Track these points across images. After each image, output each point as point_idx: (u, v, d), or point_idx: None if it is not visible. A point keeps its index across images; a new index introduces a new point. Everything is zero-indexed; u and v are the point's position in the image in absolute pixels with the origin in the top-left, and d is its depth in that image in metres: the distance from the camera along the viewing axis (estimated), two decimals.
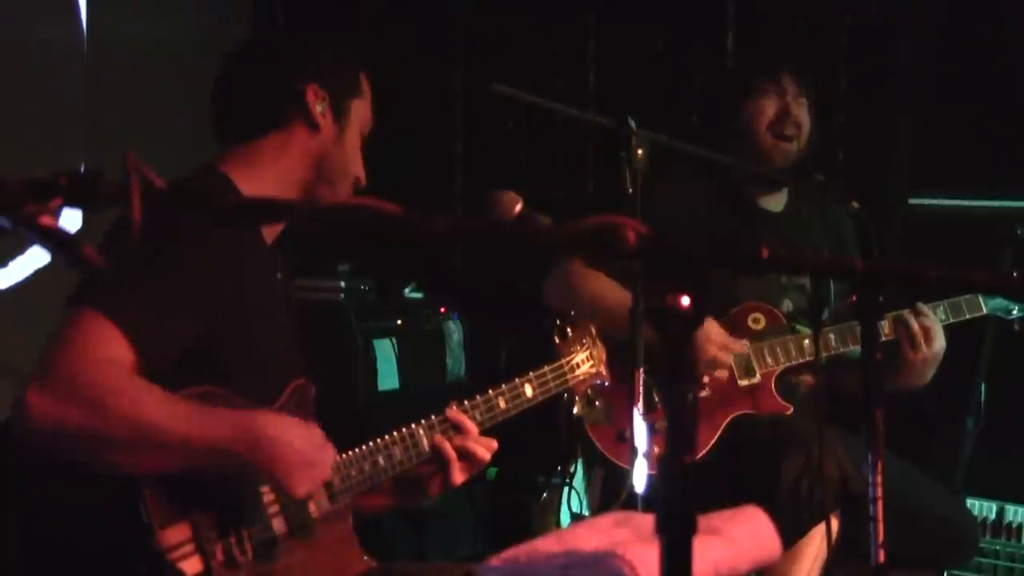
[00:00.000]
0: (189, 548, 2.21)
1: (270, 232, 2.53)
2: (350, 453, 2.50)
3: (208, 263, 2.29)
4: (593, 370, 2.88)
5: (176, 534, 2.19)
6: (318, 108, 2.52)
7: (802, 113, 3.63)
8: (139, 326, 2.17)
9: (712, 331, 3.43)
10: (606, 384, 2.92)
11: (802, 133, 3.63)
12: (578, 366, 2.86)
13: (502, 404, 2.71)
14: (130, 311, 2.17)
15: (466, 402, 2.67)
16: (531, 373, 2.79)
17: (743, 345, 3.50)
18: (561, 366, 2.84)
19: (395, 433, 2.56)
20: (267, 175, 2.49)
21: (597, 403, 2.83)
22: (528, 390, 2.77)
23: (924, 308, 3.49)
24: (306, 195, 2.53)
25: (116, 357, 2.15)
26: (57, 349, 2.14)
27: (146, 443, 2.13)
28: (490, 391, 2.71)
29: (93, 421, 2.10)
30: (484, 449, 2.64)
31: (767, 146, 3.60)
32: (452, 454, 2.60)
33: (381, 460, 2.53)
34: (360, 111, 2.60)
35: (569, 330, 2.85)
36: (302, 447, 2.27)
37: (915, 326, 3.44)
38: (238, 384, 2.32)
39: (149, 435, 2.13)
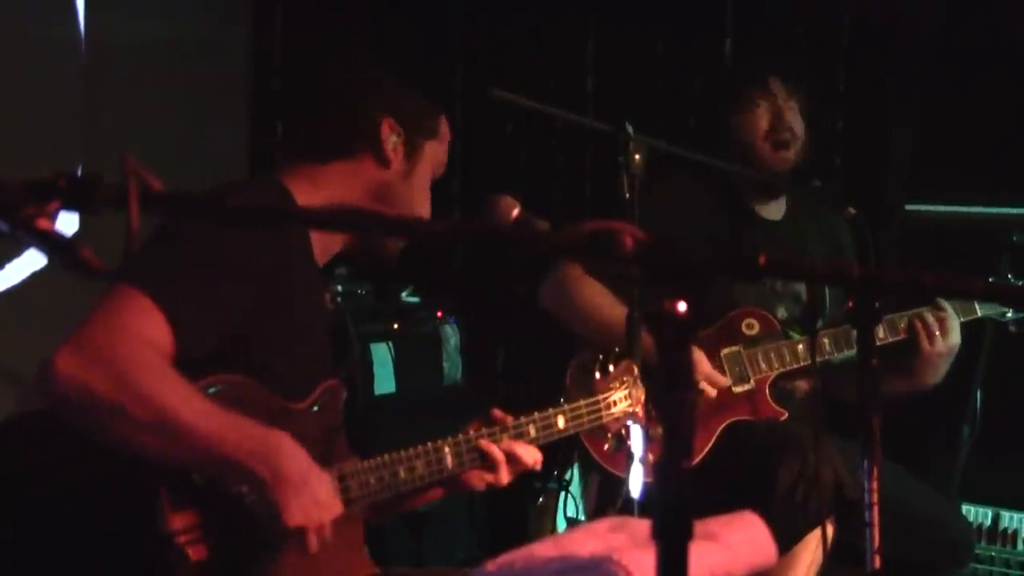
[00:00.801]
0: (196, 535, 2.21)
1: (323, 253, 2.55)
2: (371, 460, 2.49)
3: (254, 260, 2.32)
4: (630, 410, 2.82)
5: (184, 520, 2.21)
6: (390, 143, 2.55)
7: (795, 117, 3.62)
8: (181, 312, 2.20)
9: (695, 360, 3.43)
10: (640, 426, 2.89)
11: (797, 137, 3.62)
12: (615, 404, 2.80)
13: (532, 432, 2.67)
14: (174, 295, 2.20)
15: (496, 427, 2.65)
16: (565, 405, 2.74)
17: (726, 380, 3.50)
18: (597, 402, 2.78)
19: (420, 447, 2.54)
20: (328, 198, 2.51)
21: (628, 443, 2.80)
22: (560, 421, 2.71)
23: (943, 303, 3.50)
24: None
25: (153, 338, 2.18)
26: (94, 319, 2.17)
27: (163, 429, 2.15)
28: (522, 418, 2.66)
29: (116, 394, 2.12)
30: (531, 457, 2.65)
31: (766, 156, 3.60)
32: (500, 456, 2.60)
33: (402, 472, 2.50)
34: (433, 152, 2.63)
35: (611, 366, 2.83)
36: (309, 480, 2.28)
37: (931, 318, 3.46)
38: (269, 378, 2.35)
39: (164, 418, 2.15)
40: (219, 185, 2.42)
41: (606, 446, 2.90)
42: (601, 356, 2.86)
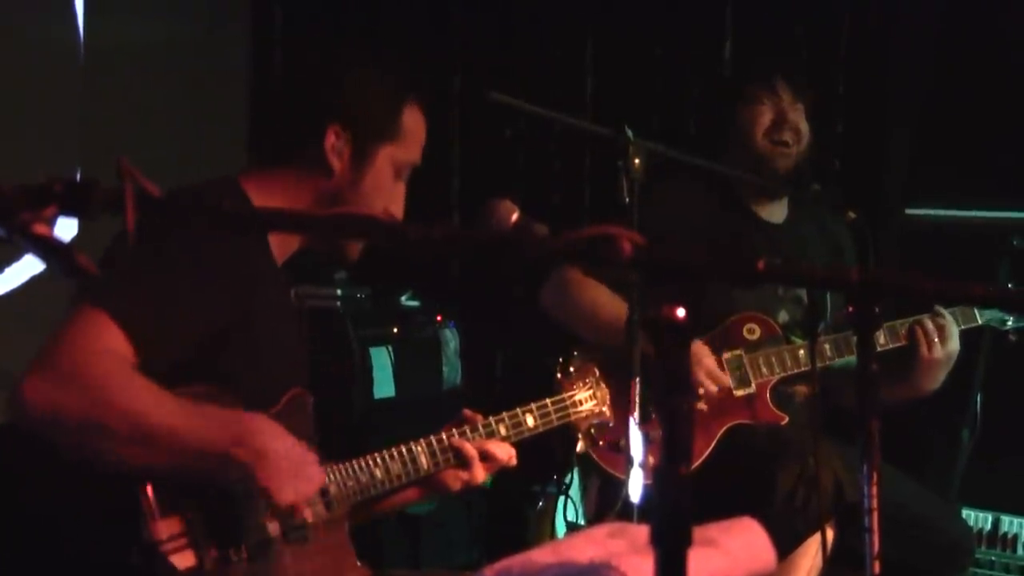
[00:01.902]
0: (182, 542, 2.21)
1: (281, 252, 2.53)
2: (349, 464, 2.52)
3: (215, 270, 2.30)
4: (596, 409, 2.90)
5: (170, 527, 2.20)
6: (335, 150, 2.48)
7: (800, 119, 3.62)
8: (140, 326, 2.19)
9: (701, 356, 3.43)
10: (610, 425, 2.94)
11: (801, 139, 3.61)
12: (580, 403, 2.88)
13: (503, 431, 2.73)
14: (133, 311, 2.19)
15: (466, 427, 2.68)
16: (532, 404, 2.80)
17: (727, 378, 3.50)
18: (563, 399, 2.85)
19: (394, 449, 2.59)
20: (280, 202, 2.49)
21: (600, 443, 2.83)
22: (529, 420, 2.78)
23: (941, 310, 3.50)
24: None
25: (117, 351, 2.17)
26: (57, 341, 2.16)
27: (137, 434, 2.14)
28: (491, 418, 2.72)
29: (88, 408, 2.12)
30: (504, 453, 2.69)
31: (765, 152, 3.59)
32: (473, 452, 2.64)
33: (379, 473, 2.55)
34: (391, 155, 2.54)
35: (572, 369, 2.88)
36: (291, 455, 2.28)
37: (930, 325, 3.46)
38: (236, 387, 2.34)
39: (139, 425, 2.15)
40: (175, 189, 2.40)
41: (579, 445, 2.94)
42: (561, 359, 2.89)
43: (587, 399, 2.89)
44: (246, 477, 2.24)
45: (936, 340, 3.46)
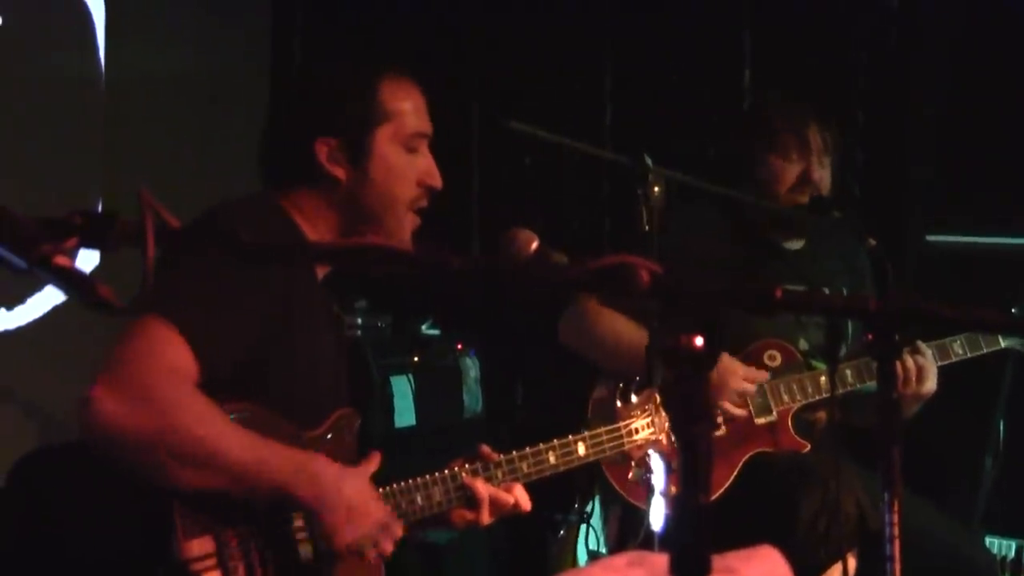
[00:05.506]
0: (211, 562, 2.23)
1: (321, 266, 2.57)
2: (388, 488, 2.51)
3: (263, 285, 2.34)
4: (653, 437, 2.82)
5: (200, 546, 2.23)
6: (332, 160, 2.52)
7: (825, 175, 3.57)
8: (202, 339, 2.23)
9: (732, 364, 3.41)
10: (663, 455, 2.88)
11: (818, 192, 3.57)
12: (637, 431, 2.82)
13: (552, 459, 2.69)
14: (197, 324, 2.24)
15: (515, 452, 2.65)
16: (586, 432, 2.76)
17: (764, 374, 3.48)
18: (618, 428, 2.80)
19: (437, 474, 2.57)
20: (316, 222, 2.54)
21: (652, 473, 2.78)
22: (581, 448, 2.74)
23: (923, 347, 3.45)
24: (355, 235, 2.55)
25: (182, 368, 2.21)
26: (125, 355, 2.20)
27: (201, 458, 2.19)
28: (541, 444, 2.68)
29: (158, 430, 2.15)
30: (514, 500, 2.63)
31: (786, 202, 3.56)
32: (485, 496, 2.59)
33: (419, 499, 2.54)
34: (389, 136, 2.56)
35: (633, 395, 2.83)
36: (356, 499, 2.32)
37: (910, 363, 3.41)
38: (282, 405, 2.37)
39: (205, 450, 2.19)
40: (217, 206, 2.43)
41: (630, 474, 2.89)
42: (622, 384, 2.86)
43: (644, 427, 2.82)
44: (307, 516, 2.28)
45: (913, 379, 3.40)
